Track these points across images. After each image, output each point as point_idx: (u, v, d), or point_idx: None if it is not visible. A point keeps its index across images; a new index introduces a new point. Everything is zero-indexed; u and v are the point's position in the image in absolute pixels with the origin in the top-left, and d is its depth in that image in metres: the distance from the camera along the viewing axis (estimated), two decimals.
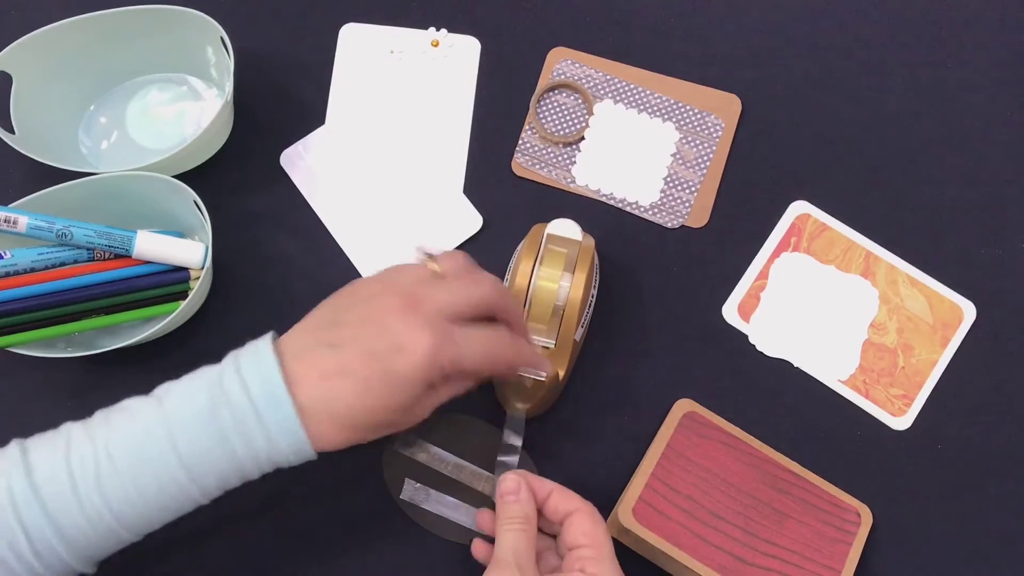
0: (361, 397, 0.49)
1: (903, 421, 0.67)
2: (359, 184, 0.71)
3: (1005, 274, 0.70)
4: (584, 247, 0.62)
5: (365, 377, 0.49)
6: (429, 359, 0.49)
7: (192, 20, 0.67)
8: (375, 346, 0.49)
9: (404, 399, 0.50)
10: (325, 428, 0.49)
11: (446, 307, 0.51)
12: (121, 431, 0.49)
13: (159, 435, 0.49)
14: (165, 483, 0.49)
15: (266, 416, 0.48)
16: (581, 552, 0.54)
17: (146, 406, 0.50)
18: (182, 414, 0.49)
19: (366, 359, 0.49)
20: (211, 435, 0.49)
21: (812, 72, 0.75)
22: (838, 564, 0.62)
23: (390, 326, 0.50)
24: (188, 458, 0.49)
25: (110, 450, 0.49)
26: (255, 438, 0.49)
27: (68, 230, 0.62)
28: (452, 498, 0.63)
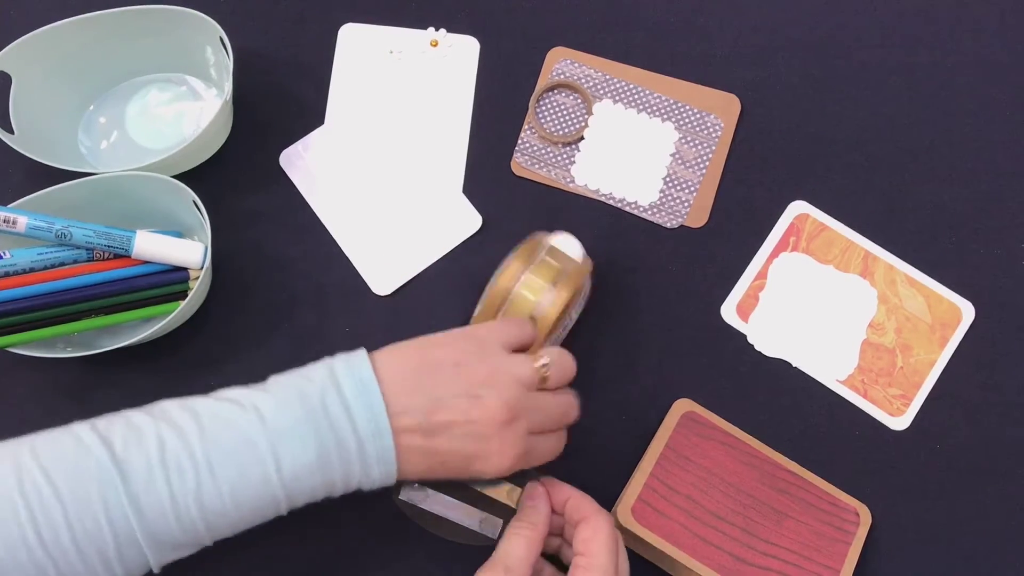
0: (434, 471, 0.54)
1: (902, 421, 0.67)
2: (359, 184, 0.71)
3: (1004, 274, 0.70)
4: (578, 269, 0.62)
5: (445, 463, 0.53)
6: (503, 469, 0.54)
7: (192, 20, 0.67)
8: (466, 447, 0.53)
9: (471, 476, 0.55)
10: (412, 468, 0.53)
11: (536, 427, 0.55)
12: (224, 448, 0.49)
13: (266, 460, 0.49)
14: (264, 501, 0.50)
15: (368, 448, 0.51)
16: (577, 560, 0.55)
17: (250, 424, 0.50)
18: (286, 435, 0.50)
19: (452, 453, 0.53)
20: (313, 460, 0.50)
21: (812, 72, 0.75)
22: (837, 564, 0.62)
23: (486, 438, 0.53)
24: (289, 479, 0.50)
25: (213, 467, 0.49)
26: (353, 466, 0.51)
27: (67, 230, 0.62)
28: (451, 498, 0.63)
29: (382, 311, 0.68)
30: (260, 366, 0.66)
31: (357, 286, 0.69)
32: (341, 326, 0.68)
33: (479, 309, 0.64)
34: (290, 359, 0.66)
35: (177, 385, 0.66)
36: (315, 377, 0.52)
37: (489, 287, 0.64)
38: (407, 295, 0.69)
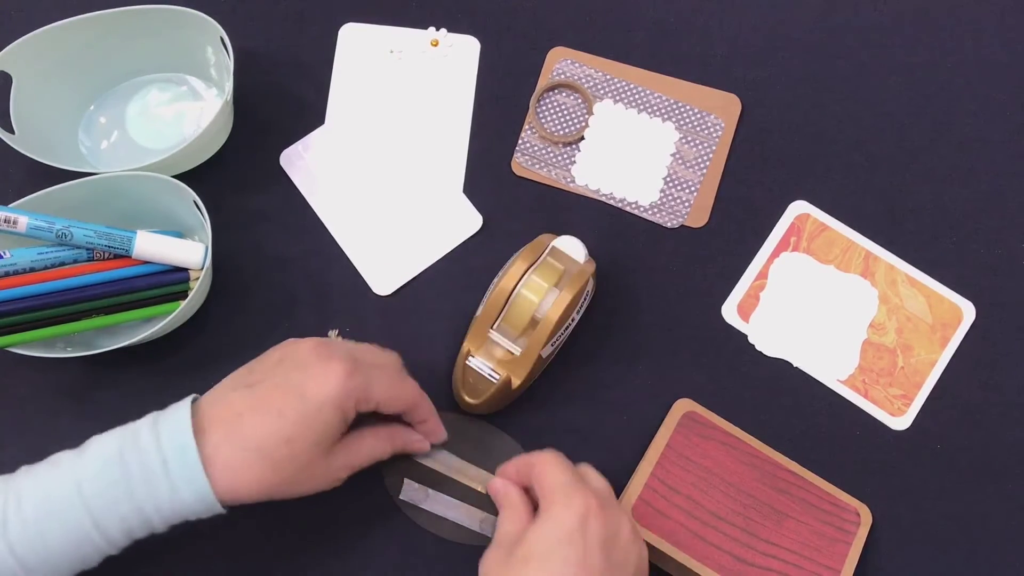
0: (275, 428, 0.51)
1: (902, 421, 0.67)
2: (359, 184, 0.71)
3: (1004, 274, 0.70)
4: (580, 270, 0.62)
5: (279, 408, 0.51)
6: (340, 383, 0.52)
7: (192, 20, 0.67)
8: (289, 379, 0.52)
9: (318, 428, 0.52)
10: (236, 471, 0.50)
11: (352, 349, 0.56)
12: (36, 479, 0.50)
13: (68, 482, 0.49)
14: (70, 529, 0.49)
15: (172, 464, 0.50)
16: (540, 503, 0.55)
17: (66, 456, 0.51)
18: (93, 462, 0.50)
19: (280, 391, 0.52)
20: (117, 482, 0.49)
21: (812, 72, 0.75)
22: (837, 564, 0.62)
23: (303, 361, 0.53)
24: (93, 505, 0.49)
25: (20, 496, 0.49)
26: (159, 486, 0.50)
27: (68, 230, 0.62)
28: (451, 498, 0.63)
29: (382, 311, 0.68)
30: None
31: (357, 286, 0.69)
32: (341, 326, 0.68)
33: (481, 310, 0.64)
34: None
35: (177, 385, 0.66)
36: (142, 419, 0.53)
37: (492, 288, 0.65)
38: (407, 295, 0.69)
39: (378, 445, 0.58)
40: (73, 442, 0.64)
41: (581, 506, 0.52)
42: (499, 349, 0.63)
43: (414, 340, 0.67)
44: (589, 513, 0.52)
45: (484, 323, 0.63)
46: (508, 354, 0.63)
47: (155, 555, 0.62)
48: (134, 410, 0.65)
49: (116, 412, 0.65)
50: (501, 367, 0.63)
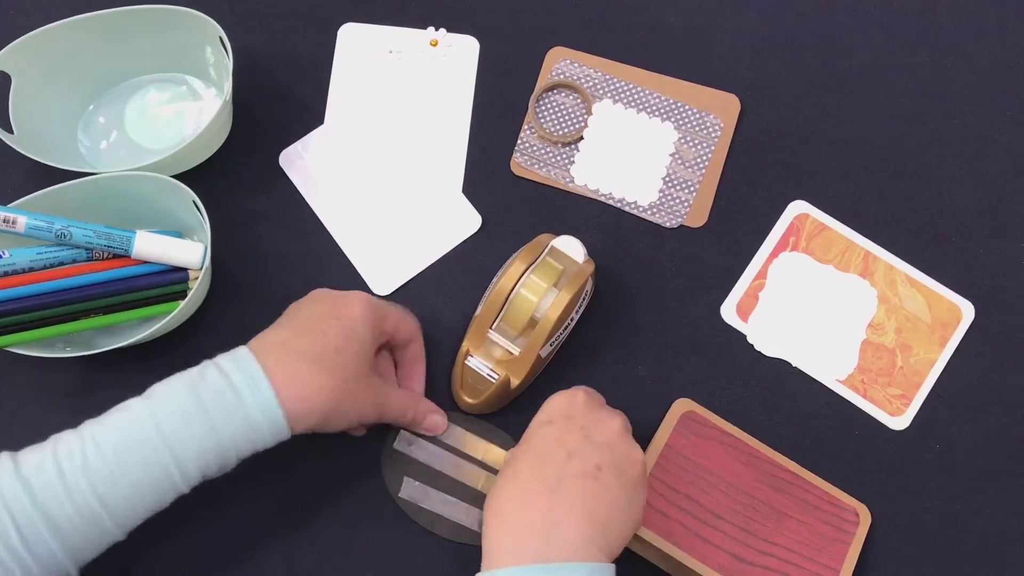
0: (323, 341, 0.56)
1: (901, 421, 0.67)
2: (358, 184, 0.71)
3: (1004, 274, 0.70)
4: (579, 270, 0.62)
5: (322, 329, 0.56)
6: (365, 305, 0.59)
7: (191, 20, 0.67)
8: (319, 310, 0.58)
9: (358, 341, 0.57)
10: (299, 384, 0.54)
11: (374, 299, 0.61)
12: (108, 423, 0.53)
13: (144, 420, 0.51)
14: (150, 464, 0.51)
15: (244, 393, 0.52)
16: None
17: (134, 401, 0.53)
18: (167, 402, 0.52)
19: (316, 319, 0.57)
20: (193, 418, 0.51)
21: (812, 72, 0.75)
22: (837, 563, 0.62)
23: (325, 297, 0.60)
24: (172, 439, 0.51)
25: (96, 439, 0.51)
26: (235, 416, 0.52)
27: (67, 230, 0.62)
28: (451, 496, 0.63)
29: None
30: None
31: (357, 286, 0.69)
32: None
33: (480, 310, 0.64)
34: None
35: None
36: (200, 365, 0.55)
37: (491, 288, 0.65)
38: (407, 295, 0.69)
39: (406, 401, 0.62)
40: None
41: (567, 396, 0.57)
42: (498, 349, 0.63)
43: None
44: (574, 402, 0.56)
45: (483, 323, 0.63)
46: (507, 354, 0.63)
47: (155, 552, 0.62)
48: None
49: None
50: (500, 367, 0.63)
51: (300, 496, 0.64)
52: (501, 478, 0.54)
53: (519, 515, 0.51)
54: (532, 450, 0.54)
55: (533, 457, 0.54)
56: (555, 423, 0.55)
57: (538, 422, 0.56)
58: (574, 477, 0.52)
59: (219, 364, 0.54)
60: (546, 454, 0.53)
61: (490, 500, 0.53)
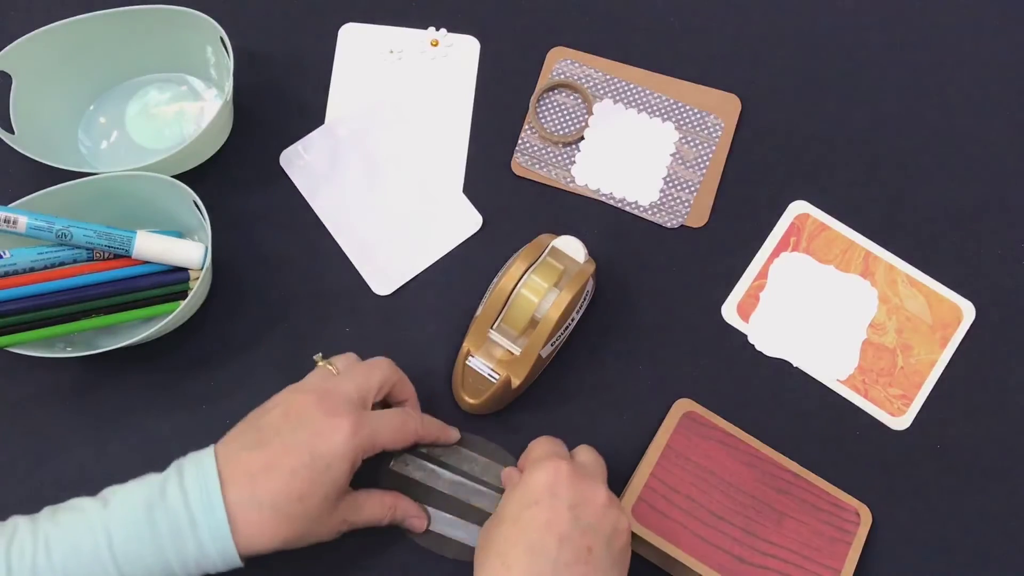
0: (288, 485, 0.52)
1: (902, 421, 0.67)
2: (359, 184, 0.71)
3: (1004, 274, 0.70)
4: (580, 270, 0.62)
5: (292, 467, 0.53)
6: (348, 438, 0.54)
7: (192, 20, 0.67)
8: (297, 438, 0.53)
9: (328, 484, 0.53)
10: (254, 528, 0.52)
11: (353, 393, 0.56)
12: (63, 526, 0.51)
13: (97, 531, 0.51)
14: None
15: (199, 521, 0.51)
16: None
17: (91, 504, 0.52)
18: (122, 514, 0.51)
19: (289, 450, 0.53)
20: (145, 536, 0.51)
21: (812, 72, 0.75)
22: (837, 564, 0.62)
23: (309, 418, 0.54)
24: (120, 556, 0.50)
25: (49, 544, 0.50)
26: (187, 542, 0.51)
27: (68, 230, 0.62)
28: (449, 515, 0.63)
29: (382, 311, 0.68)
30: (260, 366, 0.67)
31: (357, 286, 0.69)
32: (341, 326, 0.68)
33: (481, 310, 0.64)
34: (290, 359, 0.66)
35: (177, 385, 0.66)
36: (167, 470, 0.54)
37: (491, 288, 0.65)
38: (407, 295, 0.69)
39: (379, 508, 0.59)
40: (73, 442, 0.65)
41: (551, 472, 0.54)
42: (499, 349, 0.63)
43: (414, 340, 0.67)
44: (558, 479, 0.54)
45: (484, 323, 0.63)
46: (508, 354, 0.63)
47: None
48: (134, 410, 0.66)
49: (116, 412, 0.66)
50: (501, 367, 0.63)
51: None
52: (489, 565, 0.52)
53: None
54: (523, 539, 0.52)
55: (525, 549, 0.52)
56: (542, 503, 0.53)
57: (524, 502, 0.54)
58: (568, 565, 0.51)
59: (183, 481, 0.52)
60: (537, 544, 0.52)
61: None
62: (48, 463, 0.64)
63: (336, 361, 0.60)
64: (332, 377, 0.58)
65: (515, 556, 0.52)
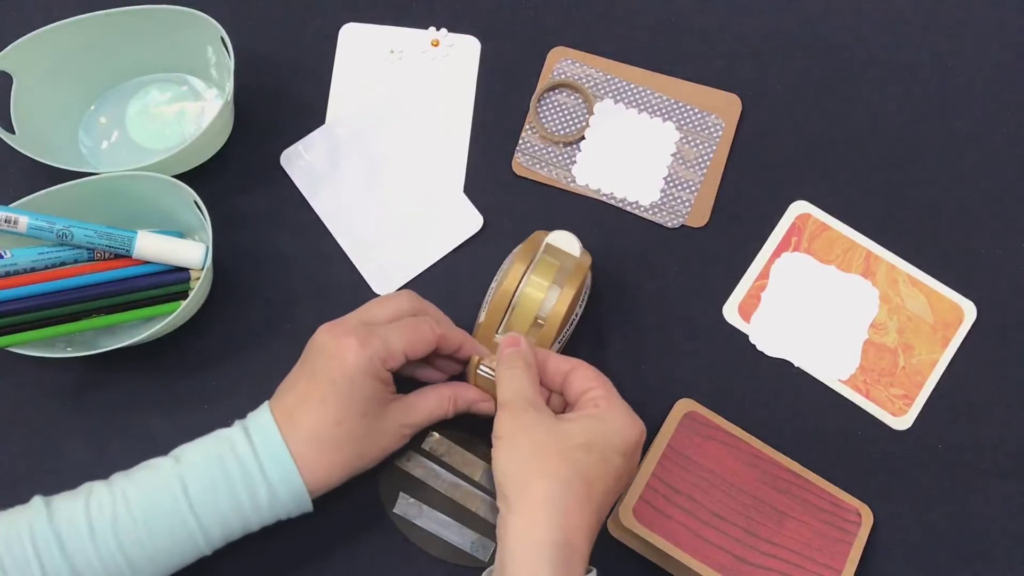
0: (322, 414, 0.54)
1: (903, 421, 0.67)
2: (359, 184, 0.71)
3: (1005, 274, 0.70)
4: (579, 264, 0.62)
5: (320, 396, 0.55)
6: (356, 355, 0.55)
7: (192, 20, 0.67)
8: (316, 368, 0.56)
9: (360, 401, 0.55)
10: (311, 463, 0.54)
11: (365, 316, 0.58)
12: (139, 481, 0.54)
13: (173, 484, 0.53)
14: (176, 528, 0.53)
15: (268, 467, 0.54)
16: (591, 393, 0.56)
17: (164, 461, 0.55)
18: (196, 466, 0.54)
19: (312, 381, 0.55)
20: (220, 485, 0.53)
21: (812, 72, 0.75)
22: (839, 564, 0.62)
23: (322, 346, 0.56)
24: (198, 505, 0.53)
25: (128, 496, 0.52)
26: (259, 489, 0.53)
27: (68, 230, 0.62)
28: (445, 516, 0.63)
29: None
30: (261, 366, 0.67)
31: (358, 286, 0.69)
32: None
33: (484, 315, 0.64)
34: (290, 359, 0.66)
35: (177, 385, 0.66)
36: (235, 424, 0.56)
37: (492, 291, 0.64)
38: None
39: (439, 404, 0.60)
40: (72, 442, 0.65)
41: (640, 432, 0.56)
42: None
43: None
44: (641, 442, 0.56)
45: (489, 328, 0.62)
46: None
47: None
48: (134, 410, 0.66)
49: (116, 412, 0.66)
50: None
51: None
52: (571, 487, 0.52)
53: None
54: (607, 479, 0.53)
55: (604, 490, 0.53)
56: (627, 457, 0.55)
57: (614, 446, 0.54)
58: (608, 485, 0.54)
59: (248, 430, 0.55)
60: (613, 490, 0.54)
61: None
62: (48, 463, 0.64)
63: None
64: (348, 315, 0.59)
65: (600, 491, 0.52)
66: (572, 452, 0.53)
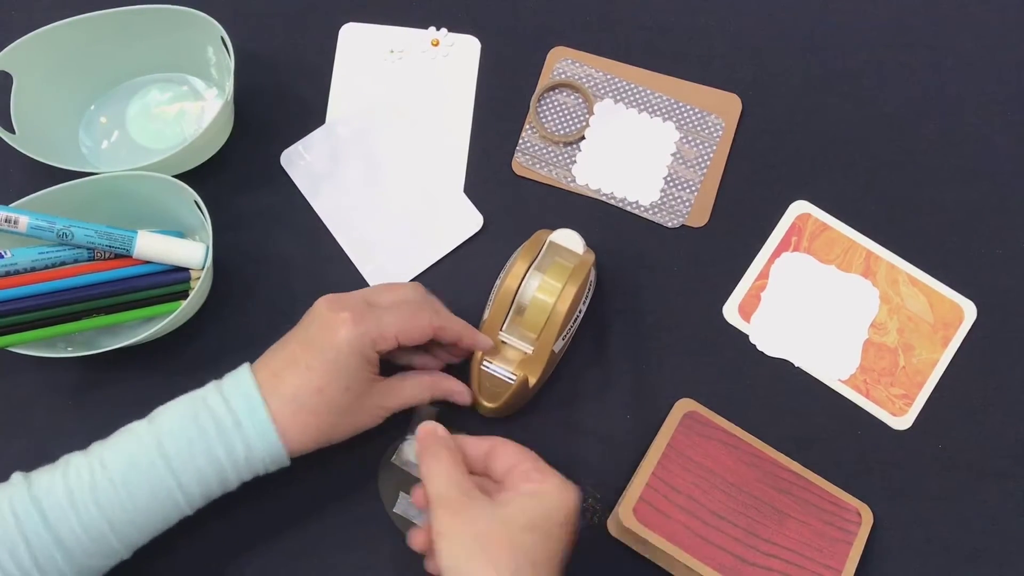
0: (306, 379, 0.55)
1: (904, 421, 0.67)
2: (360, 184, 0.71)
3: (1005, 274, 0.70)
4: (581, 262, 0.62)
5: (307, 362, 0.55)
6: (349, 330, 0.55)
7: (192, 20, 0.67)
8: (309, 334, 0.56)
9: (344, 375, 0.56)
10: (289, 423, 0.54)
11: (367, 295, 0.59)
12: (115, 445, 0.54)
13: (149, 444, 0.53)
14: (155, 488, 0.53)
15: (244, 421, 0.54)
16: (520, 468, 0.55)
17: (139, 424, 0.55)
18: (170, 425, 0.54)
19: (304, 347, 0.56)
20: (195, 440, 0.53)
21: (812, 72, 0.75)
22: (839, 564, 0.62)
23: (318, 315, 0.57)
24: (175, 463, 0.53)
25: (104, 461, 0.53)
26: (234, 442, 0.53)
27: (69, 230, 0.62)
28: None
29: None
30: None
31: (358, 286, 0.68)
32: None
33: (488, 313, 0.64)
34: None
35: (177, 385, 0.66)
36: (203, 387, 0.56)
37: (496, 289, 0.64)
38: None
39: (417, 391, 0.60)
40: (72, 442, 0.64)
41: (577, 497, 0.54)
42: (511, 350, 0.63)
43: None
44: (578, 504, 0.55)
45: (493, 326, 0.62)
46: (521, 353, 0.63)
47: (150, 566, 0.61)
48: (134, 410, 0.65)
49: (116, 412, 0.65)
50: (516, 368, 0.63)
51: (293, 504, 0.63)
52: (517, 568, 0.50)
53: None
54: (555, 554, 0.52)
55: (557, 565, 0.52)
56: (569, 525, 0.53)
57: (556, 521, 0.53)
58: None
59: (222, 388, 0.55)
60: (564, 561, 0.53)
61: None
62: (48, 463, 0.64)
63: None
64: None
65: (547, 569, 0.51)
66: (517, 537, 0.51)
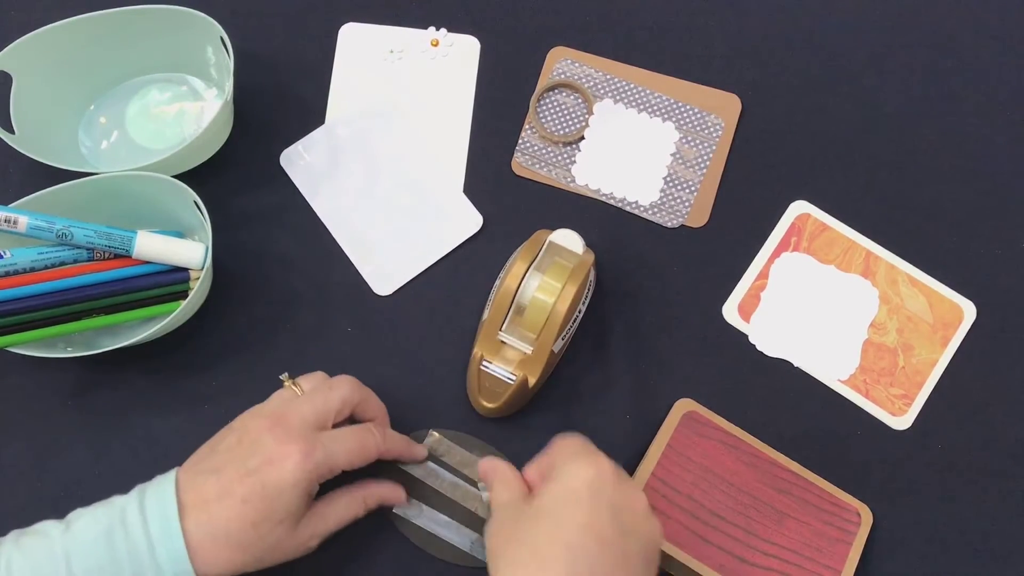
0: (240, 513, 0.52)
1: (903, 421, 0.67)
2: (359, 184, 0.71)
3: (1005, 273, 0.70)
4: (581, 262, 0.62)
5: (243, 495, 0.52)
6: (298, 465, 0.52)
7: (192, 20, 0.67)
8: (249, 464, 0.53)
9: (282, 510, 0.53)
10: (211, 555, 0.51)
11: (311, 416, 0.55)
12: (25, 551, 0.51)
13: (57, 556, 0.50)
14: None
15: (158, 547, 0.50)
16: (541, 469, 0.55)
17: (55, 528, 0.52)
18: (83, 538, 0.51)
19: (242, 478, 0.52)
20: (104, 562, 0.50)
21: (812, 72, 0.75)
22: (838, 564, 0.62)
23: (261, 444, 0.53)
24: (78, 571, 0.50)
25: (11, 568, 0.50)
26: (145, 569, 0.50)
27: (68, 230, 0.62)
28: (444, 516, 0.63)
29: (383, 311, 0.68)
30: (260, 366, 0.67)
31: (358, 286, 0.69)
32: (342, 326, 0.68)
33: (488, 313, 0.64)
34: (290, 359, 0.66)
35: (177, 385, 0.66)
36: (130, 493, 0.53)
37: (495, 289, 0.64)
38: (408, 295, 0.69)
39: (349, 509, 0.58)
40: (74, 442, 0.65)
41: (594, 468, 0.52)
42: (511, 350, 0.63)
43: (415, 340, 0.67)
44: (602, 477, 0.52)
45: (493, 326, 0.62)
46: (520, 353, 0.63)
47: None
48: (134, 410, 0.66)
49: (116, 412, 0.66)
50: (515, 367, 0.63)
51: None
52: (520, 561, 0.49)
53: None
54: (561, 537, 0.49)
55: (563, 547, 0.49)
56: (583, 502, 0.50)
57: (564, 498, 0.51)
58: (606, 571, 0.49)
59: (144, 505, 0.52)
60: (577, 544, 0.49)
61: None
62: (48, 463, 0.64)
63: (302, 381, 0.59)
64: (293, 400, 0.56)
65: (553, 555, 0.49)
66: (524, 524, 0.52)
